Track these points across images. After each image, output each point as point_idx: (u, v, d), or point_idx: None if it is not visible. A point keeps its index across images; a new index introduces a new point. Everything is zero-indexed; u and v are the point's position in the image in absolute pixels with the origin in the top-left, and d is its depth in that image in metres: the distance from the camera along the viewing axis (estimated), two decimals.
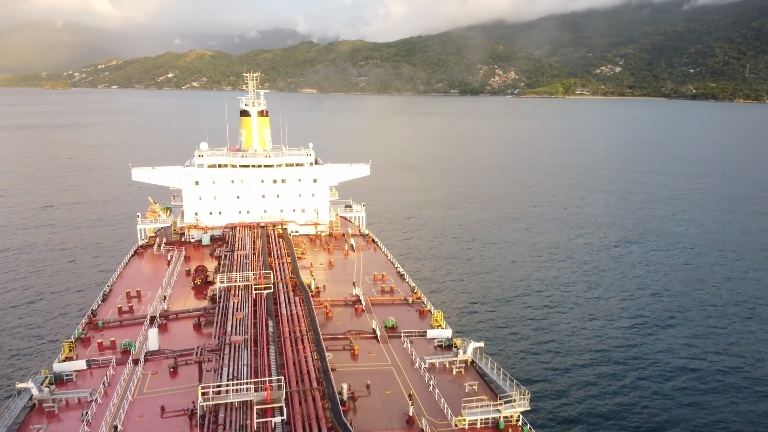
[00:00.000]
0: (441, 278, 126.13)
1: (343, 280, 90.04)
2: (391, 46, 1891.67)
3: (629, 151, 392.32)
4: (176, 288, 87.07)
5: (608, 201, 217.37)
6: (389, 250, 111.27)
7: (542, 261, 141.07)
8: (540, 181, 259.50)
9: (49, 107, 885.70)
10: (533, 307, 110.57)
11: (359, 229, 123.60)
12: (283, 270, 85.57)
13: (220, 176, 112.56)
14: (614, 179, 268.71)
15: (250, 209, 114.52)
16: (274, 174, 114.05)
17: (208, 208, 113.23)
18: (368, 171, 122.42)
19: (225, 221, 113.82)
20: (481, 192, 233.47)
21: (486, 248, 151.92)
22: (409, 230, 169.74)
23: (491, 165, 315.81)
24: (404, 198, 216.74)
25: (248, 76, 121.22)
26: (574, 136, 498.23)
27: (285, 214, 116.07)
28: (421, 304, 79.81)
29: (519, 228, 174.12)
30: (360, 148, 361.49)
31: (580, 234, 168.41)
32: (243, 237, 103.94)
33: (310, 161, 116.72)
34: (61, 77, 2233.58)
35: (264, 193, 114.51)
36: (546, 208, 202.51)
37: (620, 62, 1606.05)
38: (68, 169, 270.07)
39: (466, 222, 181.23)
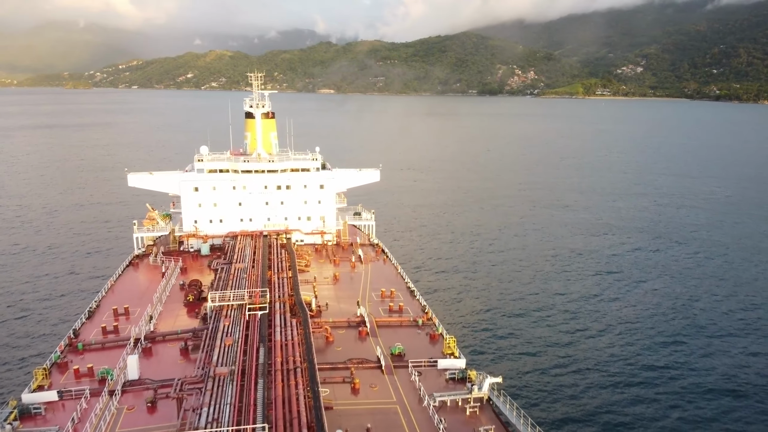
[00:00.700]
0: (455, 295, 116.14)
1: (348, 296, 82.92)
2: (410, 47, 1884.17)
3: (661, 154, 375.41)
4: (168, 304, 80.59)
5: (644, 209, 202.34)
6: (400, 261, 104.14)
7: (570, 277, 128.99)
8: (568, 186, 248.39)
9: (68, 107, 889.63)
10: (560, 331, 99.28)
11: (368, 238, 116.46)
12: (282, 286, 78.63)
13: (221, 182, 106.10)
14: (648, 184, 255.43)
15: (252, 217, 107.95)
16: (279, 180, 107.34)
17: (208, 216, 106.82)
18: (378, 177, 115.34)
19: (226, 230, 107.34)
20: (505, 197, 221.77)
21: (507, 261, 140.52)
22: (423, 239, 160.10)
23: (514, 167, 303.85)
24: (419, 204, 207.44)
25: (252, 75, 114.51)
26: (606, 138, 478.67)
27: (290, 222, 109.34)
28: (432, 327, 72.41)
29: (545, 239, 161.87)
30: (380, 151, 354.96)
31: (615, 245, 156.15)
32: (243, 247, 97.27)
33: (316, 166, 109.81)
34: (82, 77, 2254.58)
35: (267, 200, 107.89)
36: (575, 216, 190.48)
37: (642, 62, 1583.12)
38: (76, 171, 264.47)
39: (485, 230, 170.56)
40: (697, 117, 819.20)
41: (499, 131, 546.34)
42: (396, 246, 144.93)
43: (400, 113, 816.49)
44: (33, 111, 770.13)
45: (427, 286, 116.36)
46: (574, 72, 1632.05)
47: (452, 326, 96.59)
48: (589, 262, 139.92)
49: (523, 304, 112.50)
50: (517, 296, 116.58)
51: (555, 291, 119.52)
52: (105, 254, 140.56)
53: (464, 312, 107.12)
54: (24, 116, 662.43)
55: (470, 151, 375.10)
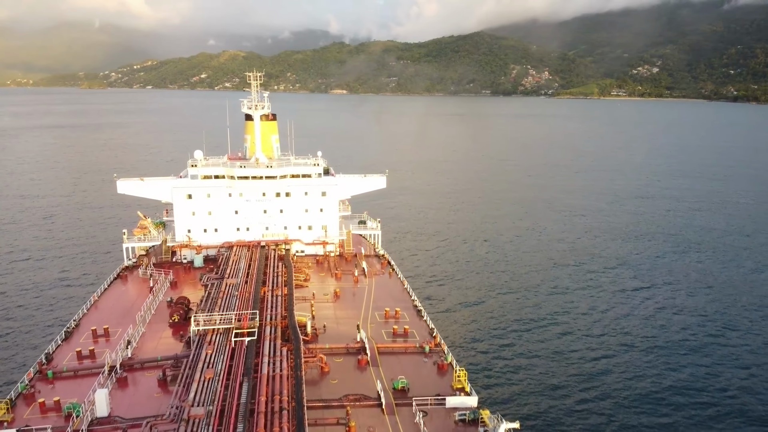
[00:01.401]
0: (468, 317, 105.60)
1: (349, 316, 75.71)
2: (423, 47, 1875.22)
3: (686, 157, 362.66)
4: (152, 325, 73.84)
5: (675, 218, 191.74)
6: (407, 275, 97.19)
7: (597, 295, 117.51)
8: (593, 192, 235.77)
9: (81, 107, 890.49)
10: (587, 361, 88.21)
11: (374, 248, 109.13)
12: (276, 306, 71.57)
13: (216, 189, 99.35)
14: (674, 190, 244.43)
15: (249, 226, 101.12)
16: (278, 186, 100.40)
17: (202, 225, 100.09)
18: (384, 183, 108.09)
19: (221, 239, 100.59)
20: (528, 205, 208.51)
21: (527, 278, 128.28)
22: (433, 250, 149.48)
23: (532, 171, 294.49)
24: (430, 211, 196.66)
25: (251, 75, 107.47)
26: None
27: (289, 231, 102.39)
28: (440, 355, 64.97)
29: (570, 252, 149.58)
30: (391, 153, 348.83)
31: (648, 259, 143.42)
32: (238, 260, 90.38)
33: (318, 172, 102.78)
34: (97, 77, 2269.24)
35: (266, 208, 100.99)
36: (604, 227, 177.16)
37: (658, 63, 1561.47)
38: (74, 174, 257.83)
39: (503, 241, 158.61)
40: (727, 119, 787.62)
41: (520, 133, 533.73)
42: (403, 257, 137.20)
43: (414, 114, 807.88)
44: (44, 111, 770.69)
45: (436, 305, 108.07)
46: (589, 72, 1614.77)
47: (463, 353, 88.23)
48: (618, 278, 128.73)
49: (545, 329, 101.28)
50: (538, 319, 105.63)
51: (580, 312, 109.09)
52: (93, 265, 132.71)
53: (477, 336, 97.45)
54: (34, 116, 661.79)
55: (489, 154, 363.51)
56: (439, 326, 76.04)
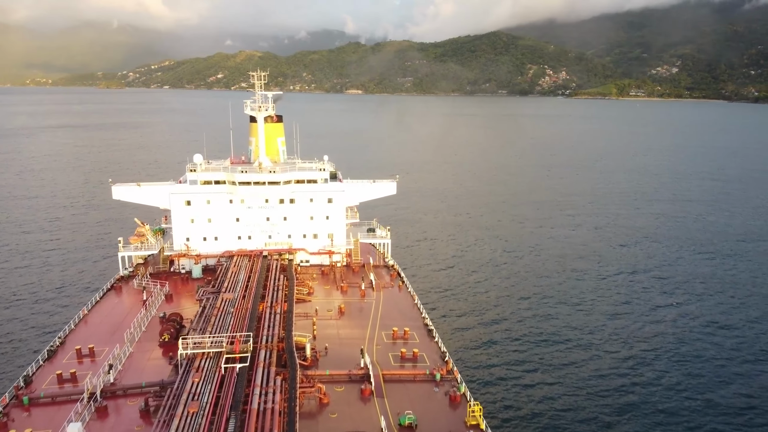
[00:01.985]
0: (484, 339, 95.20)
1: (353, 336, 69.76)
2: (439, 47, 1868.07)
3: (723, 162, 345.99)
4: (141, 344, 68.43)
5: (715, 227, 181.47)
6: (418, 288, 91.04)
7: (630, 313, 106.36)
8: (626, 199, 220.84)
9: (98, 107, 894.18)
10: (618, 392, 79.05)
11: (383, 257, 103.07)
12: (273, 325, 65.90)
13: (216, 195, 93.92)
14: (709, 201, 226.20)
15: (251, 234, 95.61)
16: (281, 192, 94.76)
17: (201, 233, 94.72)
18: (394, 189, 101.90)
19: (221, 248, 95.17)
20: (548, 210, 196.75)
21: (550, 292, 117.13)
22: (447, 261, 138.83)
23: (556, 174, 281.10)
24: (444, 218, 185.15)
25: (254, 75, 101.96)
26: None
27: (294, 240, 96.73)
28: (452, 384, 58.80)
29: (595, 261, 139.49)
30: (405, 155, 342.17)
31: (685, 280, 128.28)
32: (237, 271, 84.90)
33: (324, 177, 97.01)
34: (115, 77, 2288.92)
35: (269, 216, 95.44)
36: (634, 237, 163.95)
37: (677, 63, 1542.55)
38: (86, 175, 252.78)
39: (525, 253, 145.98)
40: (751, 121, 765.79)
41: (541, 134, 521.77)
42: (414, 268, 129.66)
43: (431, 115, 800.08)
44: (60, 111, 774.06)
45: (448, 323, 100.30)
46: (607, 72, 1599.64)
47: (478, 382, 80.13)
48: (648, 293, 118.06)
49: (573, 353, 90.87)
50: (564, 341, 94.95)
51: (613, 334, 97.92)
52: (88, 275, 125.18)
53: (494, 361, 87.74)
54: (49, 116, 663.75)
55: (509, 156, 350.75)
56: (452, 348, 70.13)
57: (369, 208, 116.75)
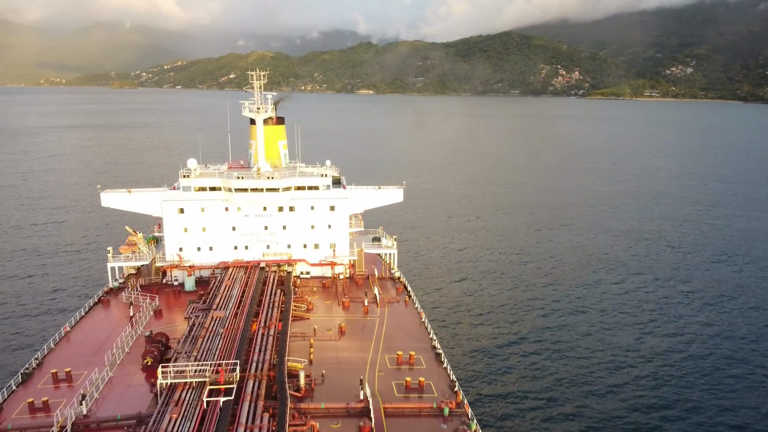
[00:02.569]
0: (498, 363, 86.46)
1: (354, 362, 63.70)
2: (450, 46, 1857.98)
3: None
4: (123, 367, 62.88)
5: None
6: (426, 304, 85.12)
7: (663, 342, 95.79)
8: (656, 206, 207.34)
9: (109, 107, 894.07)
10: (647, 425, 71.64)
11: (389, 269, 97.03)
12: (265, 349, 60.10)
13: (211, 202, 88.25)
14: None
15: (248, 244, 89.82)
16: (280, 200, 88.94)
17: (195, 243, 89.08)
18: (401, 196, 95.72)
19: (217, 259, 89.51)
20: (570, 214, 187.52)
21: (572, 309, 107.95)
22: (458, 274, 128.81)
23: (577, 178, 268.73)
24: (454, 224, 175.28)
25: (253, 74, 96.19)
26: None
27: (293, 250, 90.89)
28: (462, 419, 52.63)
29: (621, 275, 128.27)
30: (416, 157, 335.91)
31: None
32: (232, 285, 79.23)
33: (326, 183, 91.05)
34: (128, 77, 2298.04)
35: (267, 224, 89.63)
36: (658, 247, 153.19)
37: (692, 63, 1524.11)
38: (83, 177, 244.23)
39: (542, 264, 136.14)
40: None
41: (557, 135, 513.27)
42: (422, 280, 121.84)
43: (444, 116, 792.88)
44: (71, 110, 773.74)
45: (458, 345, 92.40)
46: (621, 72, 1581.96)
47: (490, 418, 72.55)
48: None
49: (598, 381, 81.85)
50: (589, 368, 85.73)
51: (641, 359, 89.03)
52: (75, 287, 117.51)
53: (509, 390, 78.73)
54: (60, 116, 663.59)
55: (529, 160, 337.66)
56: (462, 376, 64.40)
57: (375, 216, 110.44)
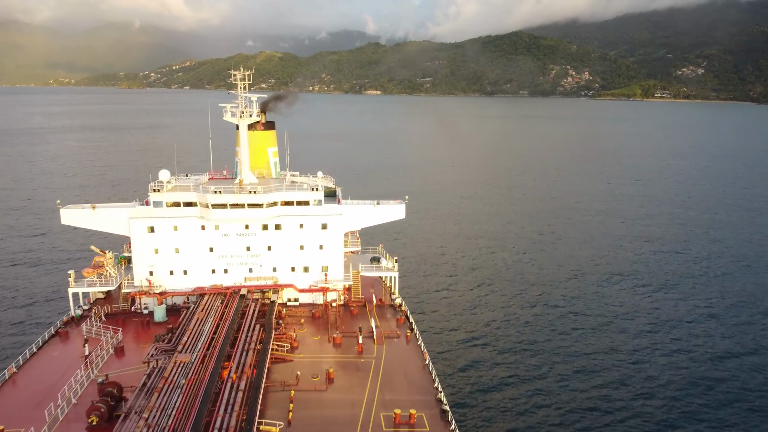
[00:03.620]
0: (516, 418, 72.39)
1: (342, 423, 52.63)
2: (458, 47, 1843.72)
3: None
4: (65, 425, 52.28)
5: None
6: (431, 340, 73.82)
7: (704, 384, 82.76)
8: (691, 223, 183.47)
9: (115, 107, 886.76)
10: None
11: (389, 293, 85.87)
12: (233, 408, 49.24)
13: (186, 220, 77.42)
14: None
15: (228, 267, 78.95)
16: (265, 217, 77.96)
17: (167, 266, 78.28)
18: (403, 213, 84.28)
19: (192, 284, 78.71)
20: (597, 227, 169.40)
21: (605, 345, 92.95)
22: (468, 299, 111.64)
23: (601, 188, 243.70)
24: (465, 239, 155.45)
25: (236, 74, 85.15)
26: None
27: (280, 274, 79.93)
28: None
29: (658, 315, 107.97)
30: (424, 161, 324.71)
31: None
32: (205, 317, 68.51)
33: (317, 198, 79.94)
34: (137, 77, 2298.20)
35: (249, 245, 78.72)
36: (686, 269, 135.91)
37: (703, 64, 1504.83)
38: (78, 184, 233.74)
39: (568, 286, 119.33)
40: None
41: (572, 138, 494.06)
42: (428, 307, 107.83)
43: (451, 116, 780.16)
44: (76, 111, 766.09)
45: (469, 397, 77.17)
46: (631, 73, 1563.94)
47: None
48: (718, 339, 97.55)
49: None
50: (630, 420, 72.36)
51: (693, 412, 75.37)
52: (31, 317, 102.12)
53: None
54: (64, 116, 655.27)
55: (541, 164, 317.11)
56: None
57: (375, 231, 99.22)
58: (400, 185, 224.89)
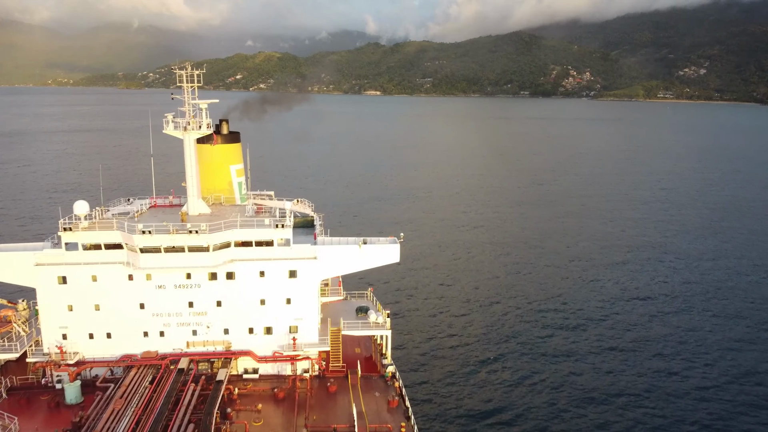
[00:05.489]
0: None
1: None
2: (459, 47, 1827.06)
3: None
4: None
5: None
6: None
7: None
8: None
9: (111, 108, 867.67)
10: None
11: (379, 359, 66.81)
12: None
13: (108, 267, 58.51)
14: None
15: (165, 329, 60.03)
16: (212, 262, 58.98)
17: (85, 328, 59.44)
18: (397, 254, 64.46)
19: (118, 351, 59.83)
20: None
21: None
22: (492, 369, 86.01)
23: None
24: (483, 280, 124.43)
25: (182, 73, 66.02)
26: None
27: (234, 337, 60.94)
28: None
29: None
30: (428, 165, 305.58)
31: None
32: (127, 401, 49.91)
33: (284, 237, 60.76)
34: (135, 77, 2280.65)
35: (192, 299, 59.81)
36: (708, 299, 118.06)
37: (705, 64, 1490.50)
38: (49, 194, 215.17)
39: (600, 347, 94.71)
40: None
41: (583, 142, 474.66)
42: (432, 378, 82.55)
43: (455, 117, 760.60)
44: (69, 112, 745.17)
45: None
46: (633, 73, 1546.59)
47: None
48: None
49: None
50: None
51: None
52: None
53: None
54: (55, 118, 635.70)
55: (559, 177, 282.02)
56: None
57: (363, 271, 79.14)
58: (401, 206, 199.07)
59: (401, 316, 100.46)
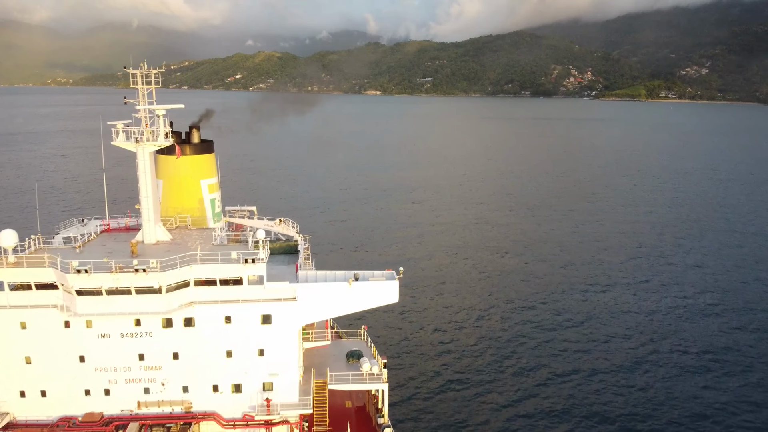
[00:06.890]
0: None
1: None
2: (459, 46, 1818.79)
3: None
4: None
5: None
6: None
7: None
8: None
9: (106, 108, 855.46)
10: None
11: (375, 417, 55.94)
12: None
13: (40, 313, 47.77)
14: None
15: (111, 387, 49.23)
16: (167, 307, 48.12)
17: (14, 384, 48.78)
18: (396, 294, 52.92)
19: (55, 412, 49.09)
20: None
21: None
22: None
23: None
24: (494, 318, 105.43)
25: (137, 72, 55.26)
26: None
27: (195, 396, 50.10)
28: None
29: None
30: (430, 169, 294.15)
31: None
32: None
33: (255, 273, 49.66)
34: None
35: (143, 351, 48.99)
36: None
37: (707, 64, 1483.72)
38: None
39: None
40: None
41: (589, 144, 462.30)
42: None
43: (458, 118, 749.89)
44: (64, 112, 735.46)
45: None
46: (634, 73, 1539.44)
47: None
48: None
49: None
50: None
51: None
52: None
53: None
54: (49, 119, 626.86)
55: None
56: None
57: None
58: (399, 226, 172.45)
59: (400, 361, 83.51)
